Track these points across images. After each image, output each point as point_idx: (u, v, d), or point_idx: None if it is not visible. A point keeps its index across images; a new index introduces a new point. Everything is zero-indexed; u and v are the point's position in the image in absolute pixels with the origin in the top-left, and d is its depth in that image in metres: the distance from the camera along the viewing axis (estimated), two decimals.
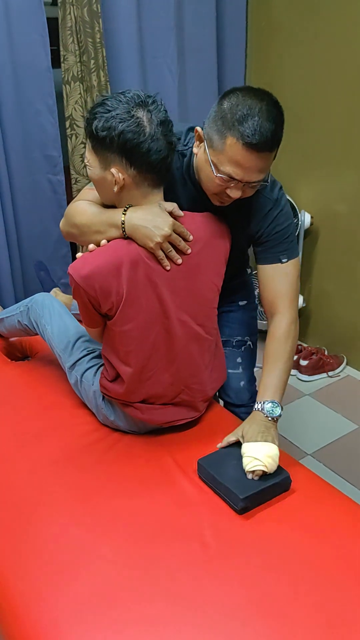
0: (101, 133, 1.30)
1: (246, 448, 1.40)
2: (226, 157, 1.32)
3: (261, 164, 1.33)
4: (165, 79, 2.65)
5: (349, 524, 1.32)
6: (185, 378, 1.54)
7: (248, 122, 1.27)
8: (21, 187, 2.47)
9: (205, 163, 1.38)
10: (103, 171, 1.35)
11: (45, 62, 2.33)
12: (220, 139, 1.31)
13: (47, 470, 1.49)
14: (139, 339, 1.43)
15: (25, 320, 1.87)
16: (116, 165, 1.32)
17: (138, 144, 1.28)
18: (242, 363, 1.86)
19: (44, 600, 1.16)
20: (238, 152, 1.30)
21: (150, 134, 1.29)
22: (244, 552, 1.24)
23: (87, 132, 1.35)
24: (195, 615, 1.11)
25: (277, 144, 1.33)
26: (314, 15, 2.55)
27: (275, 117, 1.30)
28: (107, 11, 2.41)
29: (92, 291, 1.35)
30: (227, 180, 1.35)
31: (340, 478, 2.18)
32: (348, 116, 2.54)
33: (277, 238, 1.55)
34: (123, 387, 1.50)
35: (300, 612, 1.11)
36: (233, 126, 1.28)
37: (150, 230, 1.34)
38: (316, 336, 3.07)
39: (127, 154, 1.30)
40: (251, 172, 1.33)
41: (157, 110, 1.31)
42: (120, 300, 1.37)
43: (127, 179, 1.34)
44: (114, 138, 1.29)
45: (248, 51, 2.91)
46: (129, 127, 1.27)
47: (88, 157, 1.38)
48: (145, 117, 1.29)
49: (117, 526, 1.31)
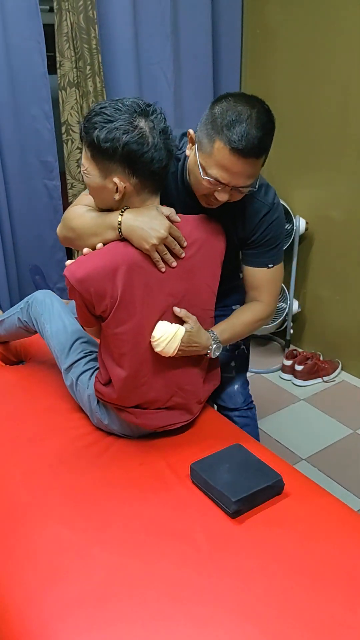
0: (104, 144, 1.29)
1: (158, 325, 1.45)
2: (214, 161, 1.34)
3: (248, 169, 1.34)
4: (161, 85, 2.66)
5: (341, 528, 1.32)
6: (179, 380, 1.55)
7: (236, 127, 1.28)
8: (17, 192, 2.48)
9: (195, 165, 1.40)
10: (103, 180, 1.36)
11: (41, 67, 2.34)
12: (209, 142, 1.33)
13: (40, 474, 1.49)
14: (132, 342, 1.44)
15: (25, 317, 1.87)
16: (118, 174, 1.33)
17: (142, 154, 1.29)
18: (235, 367, 1.87)
19: (36, 603, 1.15)
20: (225, 157, 1.31)
21: (153, 144, 1.30)
22: (237, 555, 1.24)
23: (86, 141, 1.33)
24: (188, 618, 1.11)
25: (264, 151, 1.35)
26: (308, 22, 2.57)
27: (264, 125, 1.31)
28: (103, 17, 2.43)
29: (87, 294, 1.36)
30: (214, 183, 1.37)
31: (335, 483, 2.18)
32: (342, 122, 2.56)
33: (269, 244, 1.58)
34: (115, 394, 1.50)
35: (293, 615, 1.11)
36: (221, 131, 1.30)
37: (146, 232, 1.35)
38: (311, 341, 3.08)
39: (130, 163, 1.31)
40: (238, 177, 1.35)
41: (158, 120, 1.32)
42: (114, 303, 1.37)
43: (129, 187, 1.35)
44: (118, 149, 1.28)
45: (243, 58, 2.93)
46: (133, 138, 1.28)
47: (86, 165, 1.37)
48: (147, 127, 1.29)
49: (111, 530, 1.31)
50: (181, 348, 1.45)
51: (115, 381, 1.49)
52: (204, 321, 1.53)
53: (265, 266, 1.61)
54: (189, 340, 1.46)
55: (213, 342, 1.53)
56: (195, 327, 1.47)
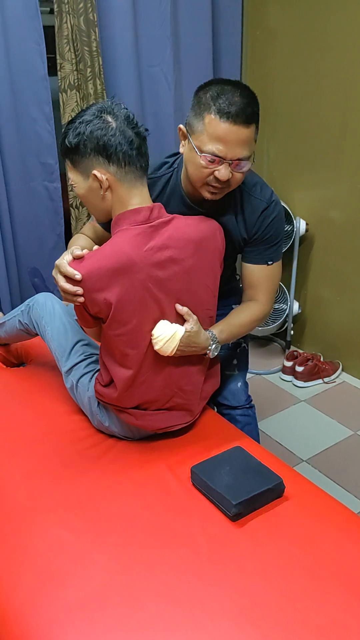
0: (73, 141, 1.37)
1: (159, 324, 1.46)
2: (207, 136, 1.37)
3: (241, 136, 1.37)
4: (162, 87, 2.66)
5: (342, 531, 1.32)
6: (178, 380, 1.55)
7: (221, 98, 1.35)
8: (17, 194, 2.48)
9: (190, 153, 1.43)
10: (87, 180, 1.40)
11: (41, 70, 2.34)
12: (199, 121, 1.38)
13: (41, 477, 1.49)
14: (132, 343, 1.44)
15: (26, 319, 1.87)
16: (96, 167, 1.38)
17: (109, 139, 1.35)
18: (237, 365, 1.88)
19: (35, 606, 1.15)
20: (217, 127, 1.35)
21: (117, 127, 1.36)
22: (237, 558, 1.24)
23: (63, 151, 1.43)
24: (188, 622, 1.11)
25: (252, 117, 1.37)
26: (308, 23, 2.57)
27: (249, 94, 1.38)
28: (103, 20, 2.43)
29: (86, 295, 1.36)
30: (212, 160, 1.39)
31: (336, 484, 2.18)
32: (343, 123, 2.56)
33: (269, 241, 1.60)
34: (116, 392, 1.51)
35: (293, 618, 1.11)
36: (208, 104, 1.36)
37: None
38: (312, 342, 3.08)
39: (101, 151, 1.36)
40: (233, 147, 1.37)
41: (119, 110, 1.39)
42: (110, 306, 1.38)
43: (110, 177, 1.38)
44: (86, 141, 1.36)
45: (243, 59, 2.93)
46: (95, 126, 1.35)
47: (71, 177, 1.45)
48: (110, 116, 1.37)
49: (111, 533, 1.31)
50: (180, 348, 1.46)
51: (118, 381, 1.49)
52: (203, 321, 1.54)
53: (264, 263, 1.62)
54: (188, 341, 1.47)
55: (212, 342, 1.54)
56: (195, 328, 1.47)
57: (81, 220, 2.66)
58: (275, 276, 1.66)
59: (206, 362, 1.61)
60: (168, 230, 1.42)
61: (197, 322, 1.48)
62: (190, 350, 1.49)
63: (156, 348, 1.45)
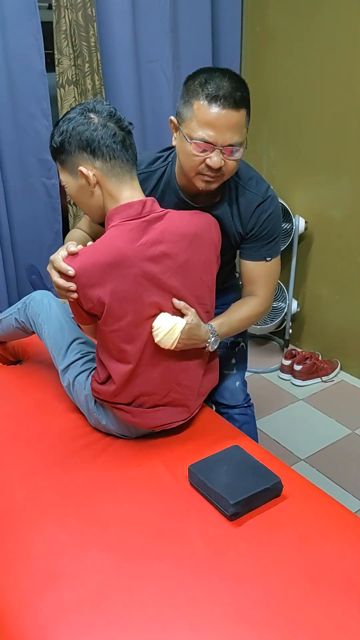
0: (58, 140, 1.39)
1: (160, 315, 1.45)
2: (196, 123, 1.37)
3: (232, 120, 1.36)
4: (160, 83, 2.65)
5: (339, 530, 1.32)
6: (176, 374, 1.54)
7: (210, 83, 1.35)
8: (15, 190, 2.47)
9: (181, 142, 1.42)
10: (76, 179, 1.41)
11: (39, 65, 2.33)
12: (189, 108, 1.38)
13: (37, 475, 1.48)
14: (129, 338, 1.43)
15: (22, 317, 1.86)
16: (82, 164, 1.38)
17: (91, 134, 1.36)
18: (236, 364, 1.87)
19: (32, 606, 1.15)
20: (206, 112, 1.35)
21: (99, 122, 1.37)
22: (235, 558, 1.24)
23: (52, 153, 1.45)
24: (186, 622, 1.10)
25: (242, 101, 1.37)
26: (309, 21, 2.56)
27: (238, 79, 1.37)
28: (101, 15, 2.42)
29: (80, 290, 1.35)
30: (203, 146, 1.38)
31: (334, 483, 2.18)
32: (343, 122, 2.55)
33: (267, 237, 1.59)
34: (113, 387, 1.50)
35: (291, 618, 1.10)
36: (197, 92, 1.36)
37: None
38: (310, 341, 3.07)
39: (85, 147, 1.36)
40: (223, 132, 1.36)
41: (101, 106, 1.39)
42: (104, 302, 1.37)
43: (97, 172, 1.38)
44: (70, 138, 1.37)
45: (243, 56, 2.92)
46: (77, 122, 1.37)
47: (62, 178, 1.46)
48: (92, 113, 1.38)
49: (107, 532, 1.31)
50: (181, 341, 1.45)
51: (115, 376, 1.48)
52: (200, 316, 1.53)
53: (263, 259, 1.62)
54: (189, 333, 1.46)
55: (211, 335, 1.53)
56: (195, 320, 1.47)
57: (79, 217, 2.64)
58: (274, 272, 1.66)
59: (205, 356, 1.60)
60: (162, 224, 1.41)
61: (195, 314, 1.48)
62: (191, 343, 1.48)
63: (157, 340, 1.44)
